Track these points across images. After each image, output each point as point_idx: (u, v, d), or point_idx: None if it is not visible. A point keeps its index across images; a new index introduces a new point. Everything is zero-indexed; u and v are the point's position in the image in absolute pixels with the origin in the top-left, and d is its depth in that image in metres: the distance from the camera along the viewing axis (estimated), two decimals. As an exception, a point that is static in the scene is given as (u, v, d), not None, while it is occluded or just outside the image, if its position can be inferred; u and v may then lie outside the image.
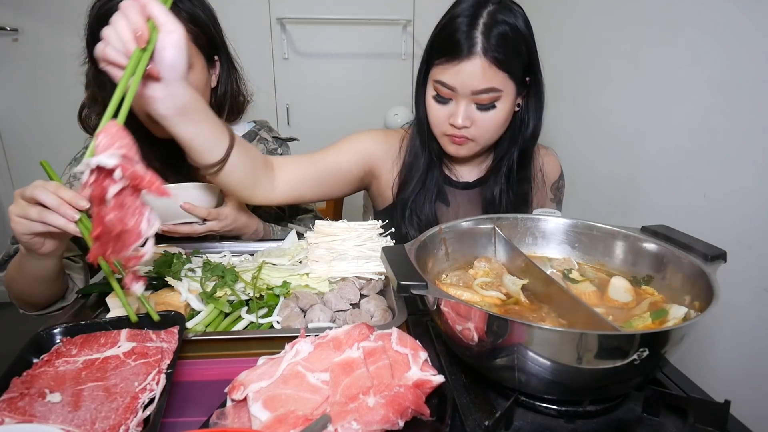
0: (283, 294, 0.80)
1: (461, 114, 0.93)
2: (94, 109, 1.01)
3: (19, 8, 2.07)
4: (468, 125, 0.95)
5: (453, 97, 0.94)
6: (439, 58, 0.93)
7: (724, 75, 1.12)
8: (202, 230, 1.00)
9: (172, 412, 0.58)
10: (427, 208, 1.06)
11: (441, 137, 1.01)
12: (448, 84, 0.92)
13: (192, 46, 1.00)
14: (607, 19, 1.57)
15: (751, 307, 1.06)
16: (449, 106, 0.96)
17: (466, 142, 0.98)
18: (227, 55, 1.11)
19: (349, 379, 0.55)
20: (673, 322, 0.62)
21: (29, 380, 0.56)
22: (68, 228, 0.66)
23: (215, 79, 1.10)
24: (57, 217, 0.66)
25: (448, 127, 0.97)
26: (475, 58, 0.89)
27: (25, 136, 2.22)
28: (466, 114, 0.94)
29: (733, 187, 1.10)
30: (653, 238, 0.74)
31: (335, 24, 2.29)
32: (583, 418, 0.57)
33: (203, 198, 0.98)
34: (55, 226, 0.66)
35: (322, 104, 2.41)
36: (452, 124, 0.95)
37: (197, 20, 1.01)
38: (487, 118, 0.94)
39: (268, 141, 1.23)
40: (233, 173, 0.85)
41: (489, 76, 0.90)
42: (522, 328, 0.51)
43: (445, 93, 0.94)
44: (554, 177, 1.16)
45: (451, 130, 0.97)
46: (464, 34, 0.89)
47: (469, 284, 0.74)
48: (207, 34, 1.04)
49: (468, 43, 0.89)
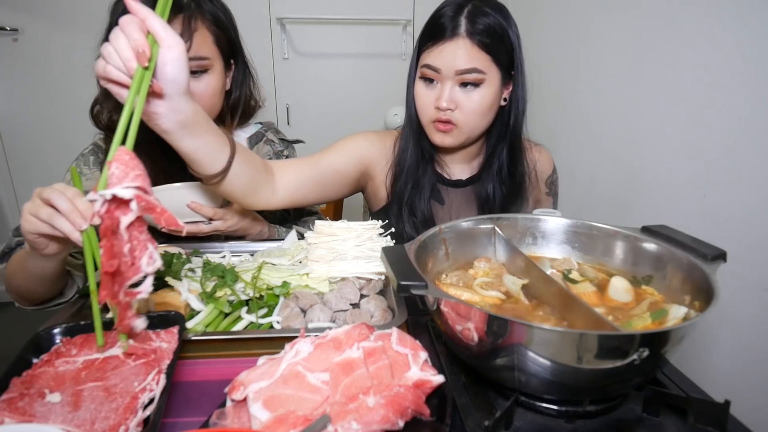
0: (283, 294, 0.80)
1: (446, 95, 0.96)
2: (107, 105, 1.01)
3: (19, 8, 2.07)
4: (453, 108, 0.96)
5: (438, 79, 0.97)
6: (426, 43, 0.97)
7: (724, 75, 1.12)
8: (207, 230, 1.00)
9: (172, 412, 0.58)
10: (422, 206, 1.07)
11: (428, 126, 1.03)
12: (433, 65, 0.95)
13: (213, 49, 1.01)
14: (607, 19, 1.57)
15: (751, 307, 1.06)
16: (435, 90, 0.98)
17: (451, 129, 0.99)
18: (243, 59, 1.13)
19: (349, 379, 0.55)
20: (673, 322, 0.62)
21: (29, 380, 0.55)
22: (72, 235, 0.65)
23: (229, 82, 1.10)
24: (64, 222, 0.66)
25: (434, 112, 0.99)
26: (458, 39, 0.93)
27: (25, 136, 2.22)
28: (451, 96, 0.96)
29: (733, 187, 1.10)
30: (653, 238, 0.74)
31: (335, 24, 2.29)
32: (583, 418, 0.57)
33: (209, 198, 0.99)
34: (61, 230, 0.66)
35: (322, 104, 2.41)
36: (437, 107, 0.97)
37: (219, 23, 1.02)
38: (471, 101, 0.96)
39: (275, 143, 1.24)
40: (235, 181, 0.86)
41: (472, 55, 0.93)
42: (522, 328, 0.51)
43: (431, 74, 0.97)
44: (548, 172, 1.18)
45: (437, 114, 0.98)
46: (449, 18, 0.94)
47: (469, 284, 0.74)
48: (227, 37, 1.05)
49: (452, 24, 0.93)
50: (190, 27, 0.96)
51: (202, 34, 0.98)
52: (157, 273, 0.81)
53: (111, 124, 1.02)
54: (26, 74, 2.15)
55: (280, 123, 2.41)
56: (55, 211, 0.67)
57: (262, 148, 1.21)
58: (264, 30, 2.22)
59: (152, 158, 1.04)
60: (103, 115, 1.02)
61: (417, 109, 1.03)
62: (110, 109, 1.01)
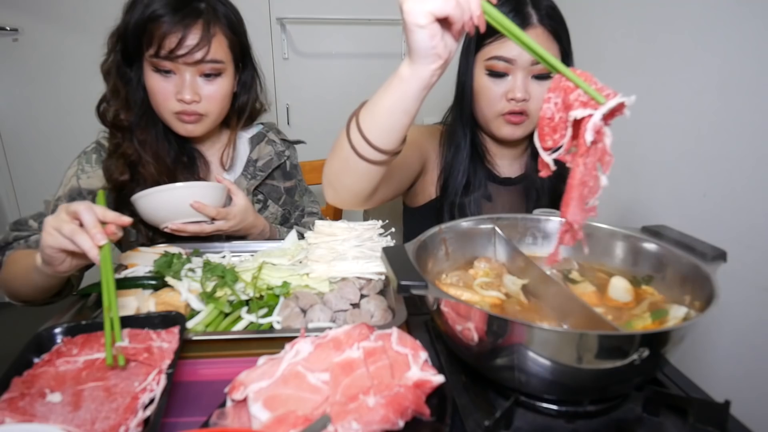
0: (283, 294, 0.80)
1: (520, 86, 0.93)
2: (114, 104, 1.03)
3: (19, 8, 2.06)
4: (528, 98, 0.94)
5: (509, 71, 0.94)
6: (490, 36, 0.94)
7: (724, 75, 1.12)
8: (210, 229, 1.00)
9: (172, 412, 0.58)
10: (472, 205, 1.05)
11: (495, 119, 0.99)
12: (506, 57, 0.92)
13: (227, 53, 1.03)
14: (606, 19, 1.57)
15: (751, 307, 1.06)
16: (505, 82, 0.95)
17: (523, 120, 0.97)
18: (252, 63, 1.14)
19: (349, 379, 0.55)
20: (674, 322, 0.62)
21: (30, 380, 0.56)
22: (91, 252, 0.66)
23: (236, 84, 1.11)
24: (85, 239, 0.66)
25: (505, 104, 0.96)
26: (533, 28, 0.90)
27: (25, 136, 2.22)
28: (525, 86, 0.93)
29: (733, 187, 1.10)
30: (653, 238, 0.74)
31: (335, 24, 2.28)
32: (583, 418, 0.57)
33: (212, 197, 0.99)
34: (81, 246, 0.66)
35: (322, 104, 2.41)
36: (512, 98, 0.94)
37: (233, 27, 1.05)
38: (544, 91, 0.94)
39: (276, 143, 1.24)
40: None
41: (547, 45, 0.91)
42: (522, 328, 0.51)
43: (502, 67, 0.94)
44: None
45: (509, 106, 0.95)
46: (516, 9, 0.91)
47: (469, 284, 0.74)
48: (240, 41, 1.07)
49: (523, 14, 0.91)
50: (209, 32, 0.98)
51: (219, 38, 1.00)
52: (158, 273, 0.82)
53: (117, 121, 1.03)
54: (26, 74, 2.15)
55: (280, 123, 2.41)
56: (77, 227, 0.67)
57: (264, 149, 1.21)
58: (264, 30, 2.22)
59: (157, 157, 1.04)
60: (109, 113, 1.03)
61: (482, 104, 1.00)
62: (117, 107, 1.02)
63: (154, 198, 0.95)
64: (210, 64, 1.00)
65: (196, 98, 1.00)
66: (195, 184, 1.02)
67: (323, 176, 0.85)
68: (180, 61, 0.97)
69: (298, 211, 1.29)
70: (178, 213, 0.97)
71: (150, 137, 1.05)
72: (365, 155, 0.74)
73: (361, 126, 0.73)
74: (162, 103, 1.01)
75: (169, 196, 0.96)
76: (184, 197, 0.96)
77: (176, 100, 1.00)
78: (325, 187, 0.86)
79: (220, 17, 1.01)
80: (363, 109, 0.74)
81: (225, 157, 1.16)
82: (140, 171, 1.03)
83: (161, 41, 0.95)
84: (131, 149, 1.03)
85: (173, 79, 0.99)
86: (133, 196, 0.97)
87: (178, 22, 0.95)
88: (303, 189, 1.31)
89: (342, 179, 0.81)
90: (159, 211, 0.97)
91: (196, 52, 0.97)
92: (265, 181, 1.21)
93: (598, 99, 0.55)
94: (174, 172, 1.06)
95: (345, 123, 0.77)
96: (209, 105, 1.03)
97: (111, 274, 0.65)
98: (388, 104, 0.70)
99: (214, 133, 1.16)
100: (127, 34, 0.97)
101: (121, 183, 1.02)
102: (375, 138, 0.73)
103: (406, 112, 0.70)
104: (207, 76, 1.02)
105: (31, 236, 0.96)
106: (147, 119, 1.04)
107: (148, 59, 0.98)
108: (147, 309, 0.75)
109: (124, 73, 1.02)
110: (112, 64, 1.02)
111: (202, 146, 1.16)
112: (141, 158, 1.03)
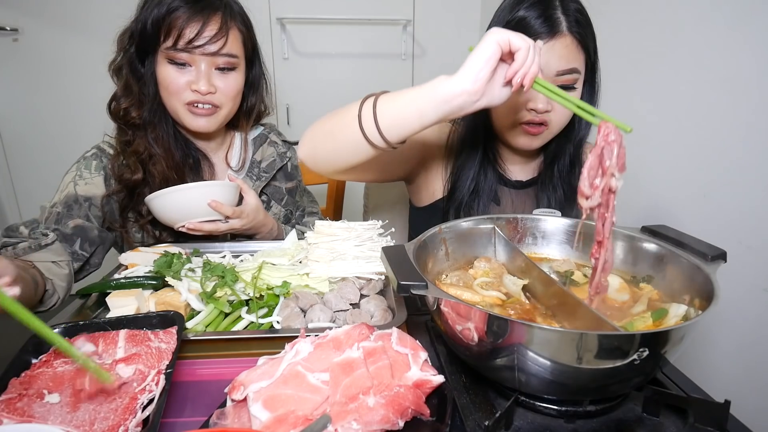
0: (283, 294, 0.80)
1: (543, 97, 0.89)
2: (125, 101, 1.04)
3: (19, 8, 2.06)
4: (550, 109, 0.91)
5: None
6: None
7: (724, 75, 1.12)
8: (224, 228, 1.02)
9: (172, 412, 0.58)
10: (481, 208, 1.03)
11: (512, 129, 0.96)
12: None
13: (241, 48, 1.05)
14: (606, 19, 1.57)
15: (751, 307, 1.06)
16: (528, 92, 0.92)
17: (542, 131, 0.94)
18: (260, 64, 1.16)
19: (349, 379, 0.55)
20: (674, 321, 0.62)
21: (28, 381, 0.55)
22: None
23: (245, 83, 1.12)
24: None
25: (524, 114, 0.92)
26: (562, 37, 0.87)
27: (25, 136, 2.22)
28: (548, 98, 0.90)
29: (733, 187, 1.10)
30: (653, 238, 0.74)
31: (335, 24, 2.28)
32: (583, 418, 0.57)
33: (227, 196, 1.01)
34: None
35: (322, 104, 2.38)
36: (533, 108, 0.91)
37: (246, 23, 1.07)
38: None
39: (278, 144, 1.25)
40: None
41: (574, 55, 0.88)
42: (522, 328, 0.51)
43: None
44: None
45: (529, 116, 0.92)
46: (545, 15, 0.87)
47: (469, 284, 0.74)
48: (251, 38, 1.09)
49: (553, 21, 0.87)
50: (226, 25, 1.00)
51: (234, 33, 1.03)
52: (158, 273, 0.82)
53: (128, 119, 1.04)
54: (26, 74, 2.15)
55: (280, 123, 2.41)
56: None
57: (267, 150, 1.22)
58: (264, 30, 2.21)
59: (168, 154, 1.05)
60: (121, 110, 1.04)
61: (499, 111, 0.96)
62: (128, 104, 1.03)
63: (170, 198, 0.96)
64: (225, 58, 1.01)
65: (211, 89, 1.01)
66: (211, 183, 1.03)
67: (309, 130, 0.86)
68: (198, 51, 0.98)
69: (298, 211, 1.29)
70: (194, 212, 0.98)
71: (161, 133, 1.06)
72: (367, 134, 0.77)
73: (378, 107, 0.77)
74: (174, 94, 1.01)
75: (185, 196, 0.97)
76: (201, 196, 0.97)
77: (190, 91, 1.01)
78: (305, 141, 0.87)
79: (236, 14, 1.03)
80: (387, 95, 0.79)
81: (233, 158, 1.17)
82: (149, 170, 1.04)
83: (180, 31, 0.96)
84: (142, 146, 1.03)
85: (188, 72, 1.00)
86: (148, 197, 0.98)
87: (198, 13, 0.97)
88: (302, 189, 1.32)
89: (328, 141, 0.83)
90: (175, 210, 0.98)
91: (215, 43, 0.98)
92: (269, 182, 1.21)
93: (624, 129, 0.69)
94: (181, 170, 1.07)
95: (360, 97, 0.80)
96: (223, 97, 1.05)
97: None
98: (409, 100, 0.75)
99: (221, 134, 1.17)
100: (143, 29, 0.98)
101: (133, 182, 1.02)
102: (384, 125, 0.76)
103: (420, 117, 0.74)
104: (221, 70, 1.03)
105: (20, 243, 0.91)
106: (158, 116, 1.05)
107: (164, 51, 0.99)
108: (147, 309, 0.75)
109: (136, 70, 1.03)
110: (123, 61, 1.03)
111: (208, 147, 1.16)
112: (152, 156, 1.04)
